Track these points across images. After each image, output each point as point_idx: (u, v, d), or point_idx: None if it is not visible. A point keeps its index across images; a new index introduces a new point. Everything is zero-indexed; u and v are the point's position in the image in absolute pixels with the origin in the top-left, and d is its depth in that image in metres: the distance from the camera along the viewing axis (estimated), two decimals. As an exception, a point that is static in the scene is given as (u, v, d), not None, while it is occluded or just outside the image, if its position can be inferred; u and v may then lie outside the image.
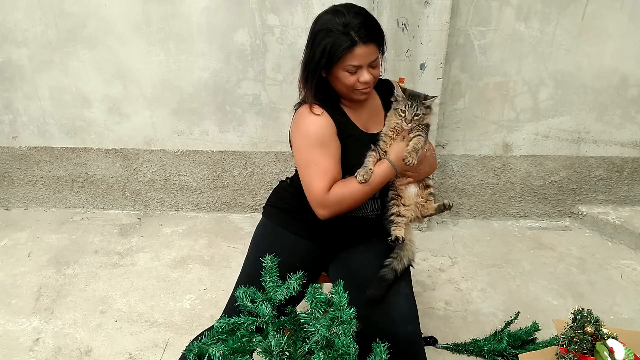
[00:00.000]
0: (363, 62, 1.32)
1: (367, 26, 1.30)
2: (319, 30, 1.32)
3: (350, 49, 1.29)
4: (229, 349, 1.08)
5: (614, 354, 1.19)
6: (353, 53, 1.29)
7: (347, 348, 1.02)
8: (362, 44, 1.29)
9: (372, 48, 1.31)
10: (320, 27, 1.33)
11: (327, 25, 1.31)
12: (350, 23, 1.29)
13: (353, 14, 1.31)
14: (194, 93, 2.55)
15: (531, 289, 2.24)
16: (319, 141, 1.38)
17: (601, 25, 2.32)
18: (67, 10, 2.39)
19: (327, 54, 1.30)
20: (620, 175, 2.66)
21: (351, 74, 1.34)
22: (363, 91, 1.38)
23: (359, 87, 1.36)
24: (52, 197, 2.87)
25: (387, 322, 1.31)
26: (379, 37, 1.33)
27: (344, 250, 1.54)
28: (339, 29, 1.29)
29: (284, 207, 1.55)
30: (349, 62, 1.31)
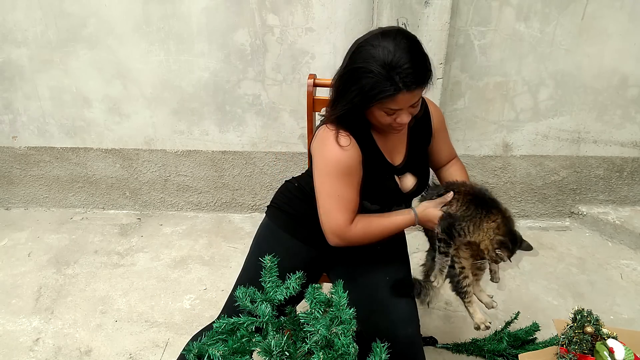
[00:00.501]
0: (403, 107, 1.20)
1: (416, 70, 1.15)
2: (358, 67, 1.17)
3: (392, 96, 1.15)
4: (228, 349, 1.08)
5: (614, 354, 1.19)
6: (395, 99, 1.16)
7: (346, 348, 1.02)
8: (407, 91, 1.15)
9: (417, 92, 1.18)
10: (360, 63, 1.18)
11: (368, 63, 1.16)
12: (396, 65, 1.13)
13: (402, 52, 1.14)
14: (194, 93, 2.55)
15: (531, 289, 2.24)
16: (344, 173, 1.30)
17: (601, 25, 2.32)
18: (67, 10, 2.39)
19: (363, 94, 1.17)
20: (620, 175, 2.66)
21: (388, 115, 1.22)
22: (398, 129, 1.28)
23: (394, 126, 1.26)
24: (52, 197, 2.87)
25: (387, 323, 1.31)
26: (427, 78, 1.19)
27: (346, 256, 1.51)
28: (382, 72, 1.14)
29: (290, 212, 1.51)
30: (389, 106, 1.19)
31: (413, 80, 1.14)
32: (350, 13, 2.32)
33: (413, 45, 1.17)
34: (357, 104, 1.20)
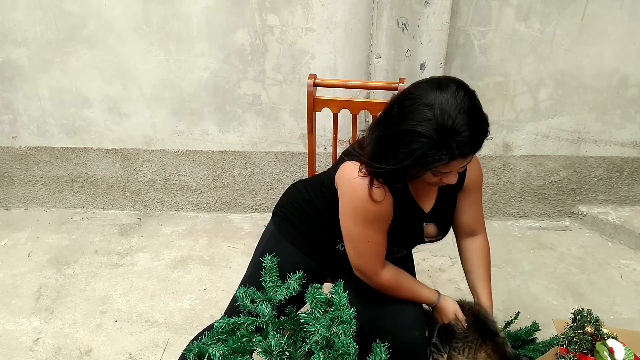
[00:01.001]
0: (454, 170, 1.12)
1: (476, 136, 1.03)
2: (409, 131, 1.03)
3: (445, 163, 1.05)
4: (229, 349, 1.08)
5: (614, 354, 1.19)
6: (448, 165, 1.07)
7: (347, 348, 1.02)
8: (461, 158, 1.05)
9: (470, 158, 1.09)
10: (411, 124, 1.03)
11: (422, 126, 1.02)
12: (455, 132, 1.01)
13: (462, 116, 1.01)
14: (194, 93, 2.55)
15: (531, 289, 2.24)
16: (374, 221, 1.24)
17: (601, 25, 2.32)
18: (67, 10, 2.39)
19: (414, 160, 1.05)
20: (620, 175, 2.66)
21: (435, 176, 1.13)
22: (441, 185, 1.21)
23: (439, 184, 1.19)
24: (52, 197, 2.87)
25: (392, 326, 1.29)
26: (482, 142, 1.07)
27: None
28: (437, 138, 1.01)
29: (299, 227, 1.43)
30: (440, 170, 1.10)
31: (471, 149, 1.04)
32: (350, 13, 2.32)
33: (473, 105, 1.04)
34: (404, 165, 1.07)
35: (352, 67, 2.43)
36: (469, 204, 1.40)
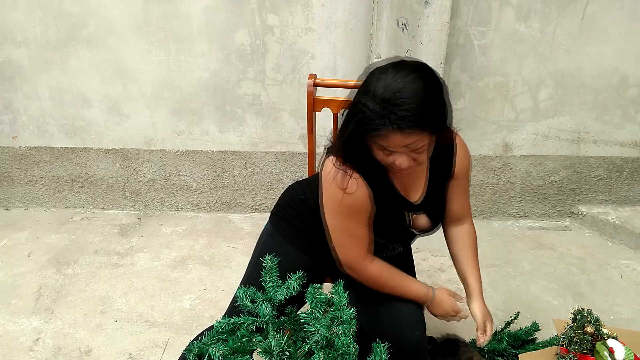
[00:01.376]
0: (397, 149, 1.10)
1: (416, 112, 1.03)
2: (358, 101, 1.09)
3: (384, 135, 1.07)
4: (229, 349, 1.08)
5: (614, 354, 1.19)
6: (387, 139, 1.07)
7: (347, 348, 1.02)
8: (397, 131, 1.05)
9: (411, 136, 1.06)
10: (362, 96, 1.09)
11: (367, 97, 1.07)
12: (393, 104, 1.03)
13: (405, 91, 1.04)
14: (194, 93, 2.55)
15: (531, 289, 2.24)
16: (351, 213, 1.25)
17: (601, 25, 2.32)
18: (67, 10, 2.39)
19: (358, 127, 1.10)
20: (620, 175, 2.66)
21: (386, 155, 1.13)
22: (400, 172, 1.18)
23: (394, 168, 1.17)
24: (52, 197, 2.87)
25: (392, 326, 1.29)
26: (429, 123, 1.06)
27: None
28: (375, 106, 1.05)
29: (297, 226, 1.45)
30: (382, 145, 1.10)
31: (409, 123, 1.03)
32: (350, 13, 2.32)
33: (426, 85, 1.05)
34: (353, 137, 1.12)
35: (352, 67, 2.43)
36: (457, 191, 1.41)
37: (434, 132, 1.11)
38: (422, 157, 1.14)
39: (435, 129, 1.11)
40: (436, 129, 1.12)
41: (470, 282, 1.42)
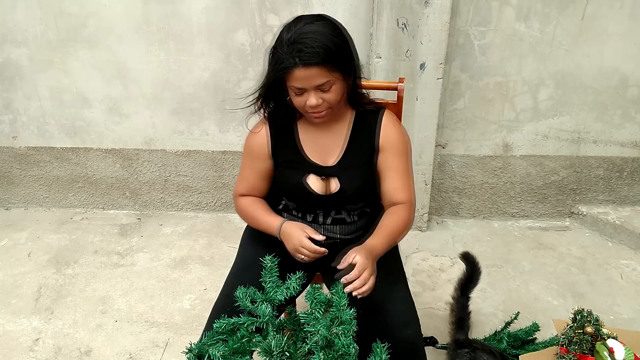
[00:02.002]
0: (306, 85, 1.21)
1: (315, 47, 1.16)
2: (271, 47, 1.24)
3: (290, 70, 1.19)
4: (229, 349, 1.08)
5: (614, 354, 1.19)
6: (293, 74, 1.19)
7: (347, 348, 1.02)
8: (302, 67, 1.17)
9: (315, 71, 1.18)
10: (274, 41, 1.24)
11: (277, 41, 1.22)
12: (295, 41, 1.17)
13: (305, 32, 1.18)
14: (194, 93, 2.55)
15: (531, 289, 2.24)
16: (247, 153, 1.43)
17: (601, 25, 2.32)
18: (67, 10, 2.39)
19: (272, 72, 1.23)
20: (620, 175, 2.66)
21: (297, 95, 1.25)
22: (314, 115, 1.28)
23: (308, 110, 1.27)
24: (52, 197, 2.87)
25: (385, 326, 1.28)
26: (329, 59, 1.18)
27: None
28: (284, 47, 1.19)
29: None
30: (291, 83, 1.22)
31: (308, 56, 1.16)
32: (350, 13, 2.32)
33: (325, 28, 1.20)
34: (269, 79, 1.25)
35: (352, 67, 2.43)
36: (387, 169, 1.38)
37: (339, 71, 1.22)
38: (330, 96, 1.24)
39: (340, 67, 1.22)
40: (341, 69, 1.22)
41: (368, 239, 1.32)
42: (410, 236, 2.62)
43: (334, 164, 1.38)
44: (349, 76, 1.27)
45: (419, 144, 2.42)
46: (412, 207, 1.39)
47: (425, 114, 2.35)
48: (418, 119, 2.36)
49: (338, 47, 1.20)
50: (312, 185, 1.37)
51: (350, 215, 1.43)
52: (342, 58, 1.22)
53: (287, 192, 1.42)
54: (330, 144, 1.39)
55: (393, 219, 1.35)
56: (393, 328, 1.27)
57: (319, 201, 1.39)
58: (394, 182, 1.38)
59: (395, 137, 1.38)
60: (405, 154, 1.39)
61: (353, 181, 1.37)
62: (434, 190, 2.68)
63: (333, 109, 1.29)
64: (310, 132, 1.39)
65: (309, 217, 1.44)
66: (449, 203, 2.74)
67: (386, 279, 1.36)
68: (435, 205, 2.74)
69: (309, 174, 1.37)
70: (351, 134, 1.38)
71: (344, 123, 1.39)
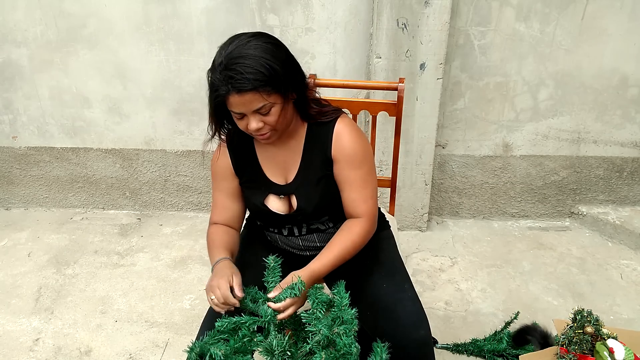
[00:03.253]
0: (244, 111, 1.16)
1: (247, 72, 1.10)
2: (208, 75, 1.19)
3: (225, 97, 1.15)
4: (230, 348, 1.08)
5: (614, 354, 1.19)
6: (229, 101, 1.15)
7: (348, 348, 1.02)
8: (236, 93, 1.13)
9: (250, 96, 1.13)
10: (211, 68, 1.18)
11: (212, 64, 1.17)
12: (225, 67, 1.12)
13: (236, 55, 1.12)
14: (194, 93, 2.55)
15: (531, 289, 2.24)
16: (214, 177, 1.42)
17: (601, 25, 2.32)
18: (67, 10, 2.39)
19: (211, 96, 1.19)
20: (620, 175, 2.67)
21: (239, 119, 1.21)
22: (259, 138, 1.25)
23: (252, 133, 1.23)
24: (52, 197, 2.87)
25: (398, 328, 1.26)
26: (263, 83, 1.12)
27: None
28: (217, 73, 1.14)
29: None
30: (230, 108, 1.18)
31: (241, 83, 1.11)
32: (350, 13, 2.32)
33: (257, 50, 1.13)
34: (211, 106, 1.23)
35: (352, 67, 2.43)
36: (343, 181, 1.33)
37: (276, 93, 1.16)
38: (270, 119, 1.19)
39: (276, 90, 1.15)
40: (278, 90, 1.16)
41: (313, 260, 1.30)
42: (410, 236, 2.62)
43: (291, 181, 1.36)
44: (288, 96, 1.21)
45: (419, 144, 2.43)
46: (370, 219, 1.34)
47: (425, 114, 2.35)
48: (418, 119, 2.36)
49: (272, 70, 1.13)
50: (272, 206, 1.36)
51: (324, 224, 1.42)
52: (277, 81, 1.15)
53: (252, 212, 1.44)
54: (288, 161, 1.36)
55: (343, 238, 1.31)
56: (404, 329, 1.26)
57: (283, 220, 1.39)
58: (350, 194, 1.33)
59: (348, 147, 1.31)
60: (361, 164, 1.32)
61: (310, 199, 1.34)
62: (434, 190, 2.68)
63: (278, 130, 1.24)
64: (268, 151, 1.36)
65: (285, 231, 1.43)
66: (449, 203, 2.75)
67: (392, 281, 1.37)
68: (435, 205, 2.74)
69: (269, 194, 1.36)
70: (304, 150, 1.34)
71: (299, 138, 1.35)
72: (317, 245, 1.45)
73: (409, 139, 2.41)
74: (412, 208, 2.58)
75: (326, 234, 1.43)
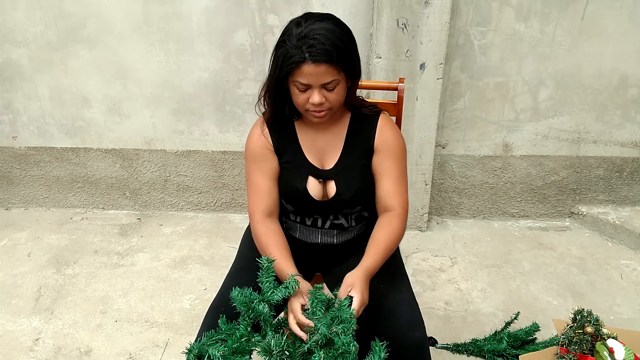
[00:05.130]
0: (313, 82, 1.19)
1: (326, 45, 1.15)
2: (278, 41, 1.22)
3: (299, 65, 1.17)
4: (228, 349, 1.08)
5: (614, 354, 1.19)
6: (301, 70, 1.17)
7: (347, 347, 1.02)
8: (312, 63, 1.16)
9: (324, 68, 1.17)
10: (280, 36, 1.22)
11: (285, 35, 1.20)
12: (306, 37, 1.16)
13: (316, 29, 1.16)
14: (194, 93, 2.55)
15: (531, 289, 2.24)
16: (251, 157, 1.37)
17: (601, 25, 2.32)
18: (67, 10, 2.39)
19: (277, 65, 1.21)
20: (620, 175, 2.66)
21: (300, 92, 1.22)
22: (315, 114, 1.26)
23: (310, 108, 1.24)
24: (52, 197, 2.87)
25: (392, 329, 1.27)
26: (339, 58, 1.18)
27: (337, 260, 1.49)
28: (293, 41, 1.17)
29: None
30: (297, 79, 1.19)
31: (319, 53, 1.15)
32: (350, 13, 2.32)
33: (335, 27, 1.19)
34: (276, 73, 1.22)
35: (352, 67, 2.43)
36: (381, 172, 1.36)
37: (345, 72, 1.21)
38: (333, 96, 1.22)
39: (346, 68, 1.21)
40: (347, 69, 1.21)
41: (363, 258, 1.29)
42: (410, 236, 2.62)
43: (331, 167, 1.37)
44: (352, 78, 1.26)
45: (419, 144, 2.43)
46: (405, 213, 1.37)
47: (425, 114, 2.35)
48: (418, 119, 2.36)
49: (347, 48, 1.20)
50: (311, 190, 1.36)
51: (348, 221, 1.42)
52: (349, 59, 1.21)
53: (287, 195, 1.40)
54: (328, 147, 1.38)
55: (386, 232, 1.32)
56: (400, 330, 1.26)
57: (317, 206, 1.38)
58: (387, 185, 1.35)
59: (391, 140, 1.36)
60: (401, 158, 1.37)
61: (350, 185, 1.36)
62: (434, 190, 2.68)
63: (333, 110, 1.27)
64: (309, 134, 1.37)
65: (308, 221, 1.43)
66: (449, 203, 2.74)
67: (390, 281, 1.37)
68: (435, 205, 2.74)
69: (309, 177, 1.36)
70: (348, 137, 1.37)
71: (342, 125, 1.38)
72: (334, 242, 1.45)
73: (409, 139, 2.41)
74: (412, 208, 2.58)
75: (346, 232, 1.44)
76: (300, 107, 1.26)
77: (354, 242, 1.46)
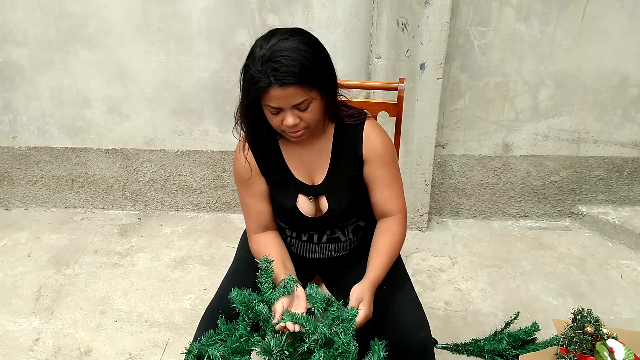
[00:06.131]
0: (283, 105, 1.14)
1: (291, 65, 1.09)
2: (244, 64, 1.17)
3: (266, 90, 1.12)
4: (228, 349, 1.08)
5: (614, 354, 1.19)
6: (269, 94, 1.12)
7: (347, 346, 1.02)
8: (279, 87, 1.10)
9: (292, 90, 1.11)
10: (246, 59, 1.17)
11: (249, 59, 1.15)
12: (269, 59, 1.10)
13: (280, 48, 1.11)
14: (194, 93, 2.55)
15: (531, 289, 2.24)
16: (240, 182, 1.36)
17: (601, 25, 2.32)
18: (67, 10, 2.39)
19: (247, 91, 1.16)
20: (620, 175, 2.66)
21: (273, 115, 1.17)
22: (292, 135, 1.22)
23: (285, 130, 1.20)
24: (52, 197, 2.87)
25: (399, 331, 1.26)
26: (306, 78, 1.11)
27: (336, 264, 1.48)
28: (257, 66, 1.11)
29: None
30: (267, 103, 1.15)
31: (285, 76, 1.09)
32: (350, 13, 2.32)
33: (300, 45, 1.12)
34: (246, 100, 1.18)
35: (352, 67, 2.43)
36: (374, 180, 1.34)
37: (316, 89, 1.15)
38: (307, 116, 1.17)
39: (317, 85, 1.15)
40: (318, 87, 1.15)
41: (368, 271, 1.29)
42: (410, 236, 2.62)
43: (321, 182, 1.34)
44: (327, 94, 1.21)
45: (419, 144, 2.43)
46: (404, 216, 1.36)
47: (425, 114, 2.35)
48: (418, 119, 2.36)
49: (315, 65, 1.13)
50: (302, 208, 1.34)
51: (345, 234, 1.41)
52: (319, 76, 1.15)
53: (279, 215, 1.38)
54: (315, 162, 1.34)
55: (387, 239, 1.32)
56: (405, 331, 1.25)
57: (310, 223, 1.37)
58: (383, 192, 1.34)
59: (380, 147, 1.32)
60: (392, 163, 1.35)
61: (342, 199, 1.33)
62: (434, 190, 2.68)
63: (311, 128, 1.22)
64: (294, 151, 1.34)
65: (304, 237, 1.42)
66: (449, 203, 2.74)
67: (392, 282, 1.36)
68: (435, 205, 2.74)
69: (298, 195, 1.34)
70: (334, 149, 1.33)
71: (327, 138, 1.34)
72: (332, 255, 1.44)
73: (409, 139, 2.41)
74: (412, 208, 2.58)
75: (343, 244, 1.43)
76: (276, 128, 1.22)
77: (353, 253, 1.46)
